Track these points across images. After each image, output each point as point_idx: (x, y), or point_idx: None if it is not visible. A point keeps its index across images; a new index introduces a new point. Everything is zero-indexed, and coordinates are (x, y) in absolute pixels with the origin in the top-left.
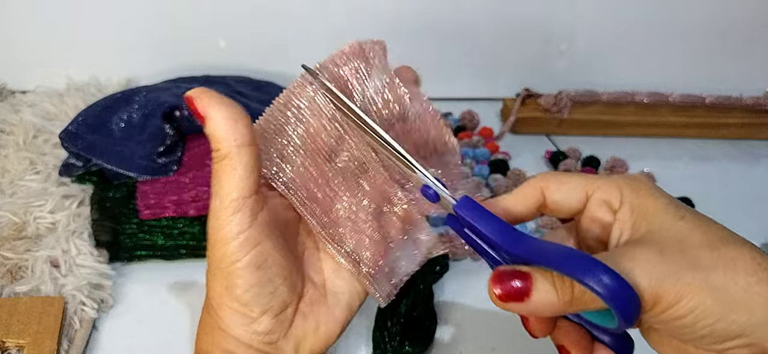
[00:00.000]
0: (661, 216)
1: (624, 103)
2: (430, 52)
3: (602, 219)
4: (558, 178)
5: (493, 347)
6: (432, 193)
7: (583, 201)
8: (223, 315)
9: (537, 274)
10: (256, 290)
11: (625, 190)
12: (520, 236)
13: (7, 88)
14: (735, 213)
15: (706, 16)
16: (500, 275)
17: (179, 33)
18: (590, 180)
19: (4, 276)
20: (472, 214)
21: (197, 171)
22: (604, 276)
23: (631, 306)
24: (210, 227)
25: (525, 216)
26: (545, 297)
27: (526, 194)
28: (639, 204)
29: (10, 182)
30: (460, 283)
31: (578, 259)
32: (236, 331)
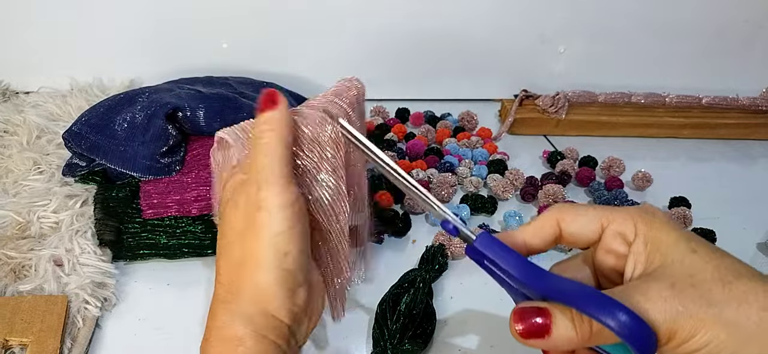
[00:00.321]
0: (673, 249)
1: (621, 103)
2: (430, 53)
3: (617, 250)
4: (574, 210)
5: (492, 345)
6: (451, 227)
7: (598, 232)
8: (266, 286)
9: (556, 311)
10: (303, 259)
11: (639, 224)
12: (539, 272)
13: (10, 88)
14: (731, 213)
15: (702, 17)
16: (522, 312)
17: (182, 34)
18: (605, 212)
19: (7, 275)
20: (491, 250)
21: (200, 171)
22: (621, 314)
23: (648, 342)
24: (260, 198)
25: (542, 248)
26: (564, 333)
27: (543, 226)
28: (653, 237)
29: (14, 182)
30: (460, 282)
31: (596, 298)
32: (283, 306)
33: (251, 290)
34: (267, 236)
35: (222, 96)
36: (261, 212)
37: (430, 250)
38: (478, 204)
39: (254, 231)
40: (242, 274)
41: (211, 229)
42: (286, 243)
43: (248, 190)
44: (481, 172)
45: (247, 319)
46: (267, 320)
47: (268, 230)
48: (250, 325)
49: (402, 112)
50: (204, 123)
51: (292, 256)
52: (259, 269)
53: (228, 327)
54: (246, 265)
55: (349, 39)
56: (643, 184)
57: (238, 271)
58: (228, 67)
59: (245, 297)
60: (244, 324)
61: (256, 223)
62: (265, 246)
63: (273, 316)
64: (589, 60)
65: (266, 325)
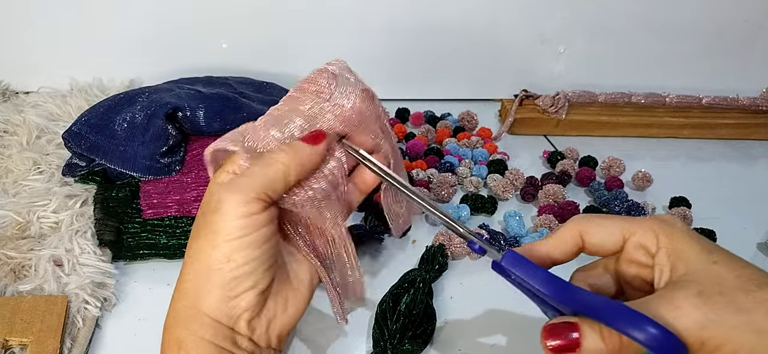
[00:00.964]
0: (696, 260)
1: (621, 103)
2: (430, 53)
3: (640, 261)
4: (596, 222)
5: (492, 345)
6: (477, 248)
7: (620, 244)
8: (209, 289)
9: (585, 326)
10: (251, 268)
11: (660, 236)
12: (566, 287)
13: (10, 88)
14: (731, 213)
15: (702, 17)
16: (552, 328)
17: (182, 34)
18: (626, 224)
19: (7, 275)
20: (518, 268)
21: (199, 171)
22: (650, 328)
23: (678, 353)
24: (221, 201)
25: (564, 260)
26: (594, 347)
27: (566, 239)
28: (674, 248)
29: (13, 182)
30: (460, 282)
31: (624, 312)
32: (219, 309)
33: (191, 288)
34: (213, 238)
35: (222, 96)
36: (215, 215)
37: (430, 250)
38: (478, 204)
39: (205, 230)
40: (186, 272)
41: None
42: (232, 250)
43: (219, 191)
44: (481, 172)
45: (186, 320)
46: (203, 320)
47: (217, 234)
48: (189, 328)
49: (402, 112)
50: (204, 123)
51: (236, 263)
52: (200, 269)
53: (171, 330)
54: (190, 262)
55: (349, 39)
56: (643, 184)
57: (184, 269)
58: (228, 67)
59: (187, 297)
60: (183, 326)
61: (209, 224)
62: (209, 246)
63: (209, 317)
64: (589, 60)
65: (204, 326)
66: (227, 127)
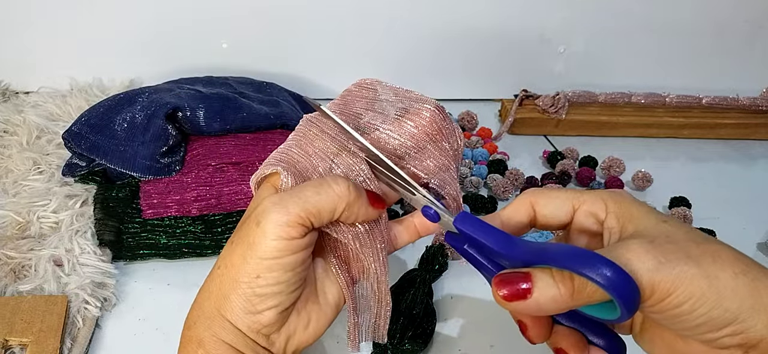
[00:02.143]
0: (645, 219)
1: (621, 103)
2: (430, 53)
3: (590, 229)
4: (546, 193)
5: (492, 345)
6: (433, 212)
7: (570, 214)
8: (232, 299)
9: (537, 271)
10: (279, 289)
11: (609, 202)
12: (518, 241)
13: (10, 88)
14: (731, 213)
15: (702, 17)
16: (502, 278)
17: (182, 34)
18: (576, 194)
19: (7, 275)
20: (471, 227)
21: (199, 171)
22: (604, 267)
23: (632, 294)
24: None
25: (518, 231)
26: (547, 292)
27: (518, 209)
28: (623, 212)
29: (13, 182)
30: (459, 282)
31: (577, 253)
32: (240, 319)
33: (216, 291)
34: (247, 250)
35: (222, 96)
36: (256, 228)
37: (430, 250)
38: (478, 204)
39: (241, 239)
40: (215, 273)
41: (211, 229)
42: (263, 269)
43: (265, 203)
44: (481, 172)
45: (209, 320)
46: (224, 325)
47: (252, 247)
48: (211, 329)
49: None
50: (204, 123)
51: (264, 281)
52: (227, 275)
53: (192, 327)
54: (221, 265)
55: (349, 39)
56: (643, 184)
57: (215, 270)
58: (228, 67)
59: (212, 298)
60: (205, 326)
61: (247, 235)
62: (240, 257)
63: (231, 323)
64: (589, 60)
65: (225, 330)
66: (227, 127)
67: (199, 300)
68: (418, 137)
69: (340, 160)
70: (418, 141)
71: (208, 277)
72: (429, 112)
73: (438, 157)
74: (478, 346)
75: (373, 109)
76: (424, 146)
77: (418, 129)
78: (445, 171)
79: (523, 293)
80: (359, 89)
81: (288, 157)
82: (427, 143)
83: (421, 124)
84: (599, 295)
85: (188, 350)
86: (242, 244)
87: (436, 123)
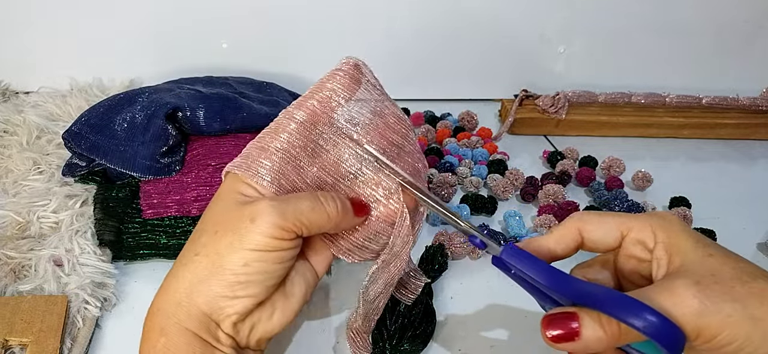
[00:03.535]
0: (692, 253)
1: (621, 103)
2: (429, 53)
3: (638, 256)
4: (595, 219)
5: (492, 345)
6: (478, 241)
7: (618, 240)
8: (211, 285)
9: (584, 315)
10: (265, 278)
11: (657, 231)
12: (566, 278)
13: (10, 88)
14: (731, 213)
15: (702, 17)
16: (552, 319)
17: (182, 34)
18: (624, 220)
19: (7, 275)
20: (517, 260)
21: (199, 171)
22: (648, 315)
23: (675, 340)
24: (259, 214)
25: (564, 255)
26: (594, 335)
27: (565, 235)
28: (671, 243)
29: (13, 182)
30: (459, 282)
31: (622, 300)
32: (214, 303)
33: (190, 278)
34: (236, 240)
35: (222, 96)
36: (249, 224)
37: (430, 250)
38: (478, 204)
39: (229, 231)
40: (190, 262)
41: None
42: (251, 259)
43: (261, 204)
44: (481, 172)
45: (175, 307)
46: (192, 310)
47: (243, 239)
48: (175, 316)
49: None
50: (204, 123)
51: (251, 269)
52: (208, 263)
53: (155, 315)
54: (200, 255)
55: (349, 39)
56: (643, 184)
57: (189, 259)
58: (228, 67)
59: (181, 285)
60: (169, 314)
61: (238, 229)
62: (227, 246)
63: (199, 309)
64: (589, 60)
65: (191, 316)
66: (227, 127)
67: (166, 286)
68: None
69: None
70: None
71: (179, 265)
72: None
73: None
74: (478, 346)
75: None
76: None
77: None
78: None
79: (571, 336)
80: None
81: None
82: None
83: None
84: (643, 338)
85: (150, 338)
86: (231, 234)
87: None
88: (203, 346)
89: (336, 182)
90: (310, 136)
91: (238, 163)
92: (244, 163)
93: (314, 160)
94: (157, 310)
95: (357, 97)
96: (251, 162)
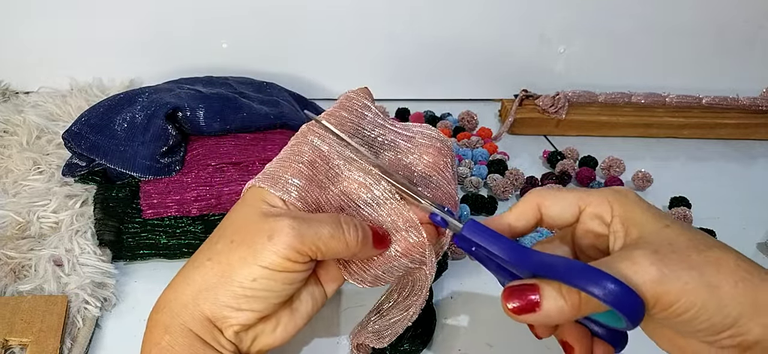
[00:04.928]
0: (648, 224)
1: (621, 103)
2: (430, 53)
3: (595, 230)
4: (553, 194)
5: (492, 345)
6: (439, 219)
7: (576, 215)
8: (218, 294)
9: (545, 285)
10: (271, 295)
11: (614, 204)
12: (526, 252)
13: (10, 88)
14: (731, 213)
15: (702, 17)
16: (512, 291)
17: (182, 34)
18: (582, 195)
19: (7, 275)
20: (479, 236)
21: (199, 171)
22: (608, 283)
23: (635, 308)
24: (278, 233)
25: (524, 231)
26: (554, 305)
27: (525, 210)
28: (628, 215)
29: (13, 182)
30: (459, 282)
31: (582, 269)
32: (218, 311)
33: (200, 282)
34: (249, 254)
35: (222, 96)
36: (266, 240)
37: None
38: (478, 204)
39: (244, 244)
40: (201, 265)
41: (211, 229)
42: (261, 275)
43: (282, 221)
44: (481, 172)
45: (181, 307)
46: (196, 314)
47: (256, 254)
48: (180, 316)
49: (402, 112)
50: (204, 123)
51: (258, 285)
52: (218, 271)
53: (161, 312)
54: (213, 261)
55: (349, 39)
56: (643, 184)
57: (200, 263)
58: (228, 67)
59: (190, 288)
60: (175, 313)
61: (253, 243)
62: (240, 259)
63: (204, 313)
64: (589, 60)
65: (195, 319)
66: (227, 127)
67: (174, 285)
68: (425, 170)
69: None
70: (425, 171)
71: (191, 266)
72: (435, 149)
73: (444, 186)
74: (478, 346)
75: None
76: (429, 176)
77: (423, 163)
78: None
79: (532, 307)
80: (353, 104)
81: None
82: (433, 173)
83: (428, 161)
84: (604, 307)
85: (154, 334)
86: (246, 248)
87: (442, 157)
88: (205, 348)
89: (358, 209)
90: (332, 160)
91: (261, 178)
92: (269, 179)
93: (337, 183)
94: (164, 307)
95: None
96: (277, 178)
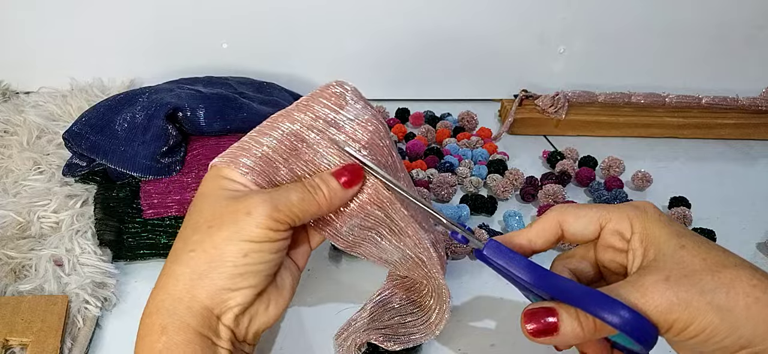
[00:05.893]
0: (665, 244)
1: (621, 104)
2: (429, 53)
3: (615, 246)
4: (574, 211)
5: (492, 345)
6: (460, 237)
7: (597, 231)
8: (213, 278)
9: (562, 310)
10: (264, 267)
11: (634, 222)
12: (545, 275)
13: (10, 88)
14: (731, 213)
15: (702, 17)
16: (531, 313)
17: (182, 35)
18: (603, 212)
19: (8, 275)
20: (499, 257)
21: (199, 171)
22: (622, 311)
23: (648, 334)
24: (253, 207)
25: (545, 248)
26: (571, 330)
27: (546, 228)
28: (647, 234)
29: (14, 182)
30: (459, 282)
31: (598, 297)
32: (216, 296)
33: (189, 273)
34: (234, 233)
35: (222, 96)
36: (245, 217)
37: None
38: (478, 204)
39: (226, 225)
40: (184, 259)
41: None
42: (250, 250)
43: (254, 197)
44: (481, 172)
45: (176, 304)
46: (193, 305)
47: (240, 232)
48: (176, 313)
49: (402, 112)
50: (204, 123)
51: (250, 260)
52: (207, 257)
53: (154, 314)
54: (196, 251)
55: (349, 39)
56: (643, 184)
57: (182, 257)
58: (228, 67)
59: (180, 281)
60: (170, 312)
61: (234, 222)
62: (225, 240)
63: (201, 303)
64: (589, 60)
65: (192, 312)
66: (228, 127)
67: (162, 286)
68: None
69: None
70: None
71: (174, 264)
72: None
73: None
74: (478, 346)
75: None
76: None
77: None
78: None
79: (549, 330)
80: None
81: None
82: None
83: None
84: (618, 332)
85: (151, 337)
86: (227, 229)
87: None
88: (203, 342)
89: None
90: (293, 142)
91: (218, 158)
92: (225, 159)
93: (296, 160)
94: (156, 309)
95: (341, 110)
96: (233, 157)
